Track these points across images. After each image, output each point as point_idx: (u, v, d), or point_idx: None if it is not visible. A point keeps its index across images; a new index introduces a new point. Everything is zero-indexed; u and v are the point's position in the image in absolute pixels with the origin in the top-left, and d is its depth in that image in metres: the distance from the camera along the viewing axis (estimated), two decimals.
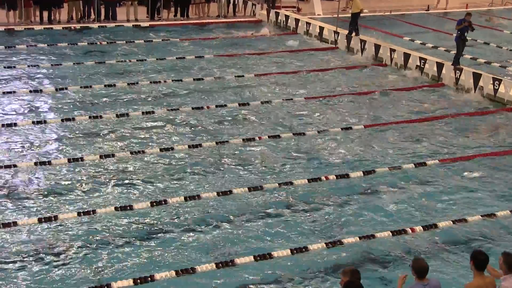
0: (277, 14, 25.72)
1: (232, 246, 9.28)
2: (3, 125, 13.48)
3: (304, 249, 9.06)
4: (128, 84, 16.78)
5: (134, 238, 9.37)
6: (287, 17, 25.12)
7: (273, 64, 19.79)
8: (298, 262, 8.88)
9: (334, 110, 15.66)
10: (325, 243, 9.29)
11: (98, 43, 21.10)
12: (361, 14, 22.04)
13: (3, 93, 15.61)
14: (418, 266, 6.69)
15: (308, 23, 23.97)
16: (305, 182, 11.43)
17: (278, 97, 16.45)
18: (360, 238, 9.48)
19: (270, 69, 19.20)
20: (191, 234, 9.56)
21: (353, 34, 21.61)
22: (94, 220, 9.81)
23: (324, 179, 11.56)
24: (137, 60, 19.22)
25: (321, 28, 23.17)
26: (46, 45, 20.33)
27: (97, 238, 9.32)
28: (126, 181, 11.23)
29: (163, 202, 10.37)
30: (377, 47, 20.57)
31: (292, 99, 16.29)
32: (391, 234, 9.67)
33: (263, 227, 9.84)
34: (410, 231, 9.79)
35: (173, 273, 8.30)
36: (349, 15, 22.42)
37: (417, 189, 11.45)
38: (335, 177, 11.67)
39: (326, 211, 10.50)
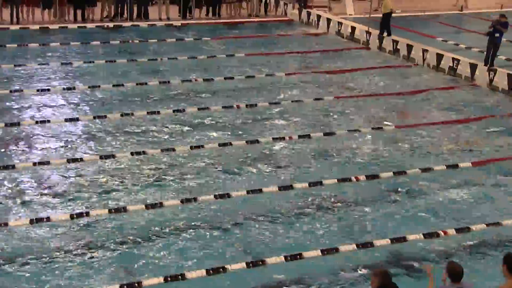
0: (308, 13, 25.64)
1: (263, 245, 9.26)
2: (36, 122, 13.65)
3: (334, 250, 9.00)
4: (159, 82, 16.87)
5: (164, 236, 9.40)
6: (318, 16, 25.01)
7: (304, 63, 19.72)
8: (328, 263, 8.82)
9: (365, 110, 15.54)
10: (355, 244, 9.21)
11: (130, 41, 21.26)
12: (393, 14, 21.85)
13: (37, 90, 15.82)
14: (453, 270, 6.60)
15: (339, 23, 23.84)
16: (335, 182, 11.36)
17: (308, 96, 16.39)
18: (391, 240, 9.38)
19: (301, 68, 19.13)
20: (222, 232, 9.57)
21: (385, 34, 21.43)
22: (125, 217, 9.87)
23: (354, 179, 11.47)
24: (168, 59, 19.30)
25: (353, 28, 23.03)
26: (79, 43, 20.55)
27: (128, 235, 9.37)
28: (157, 179, 11.29)
29: (193, 200, 10.39)
30: (410, 47, 20.37)
31: (322, 98, 16.21)
32: (422, 236, 9.55)
33: (293, 227, 9.81)
34: (443, 234, 9.65)
35: (204, 271, 8.31)
36: (381, 15, 22.25)
37: (449, 191, 11.29)
38: (365, 178, 11.58)
39: (356, 211, 10.42)
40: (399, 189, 11.26)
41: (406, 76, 18.86)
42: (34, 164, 11.58)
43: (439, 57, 19.31)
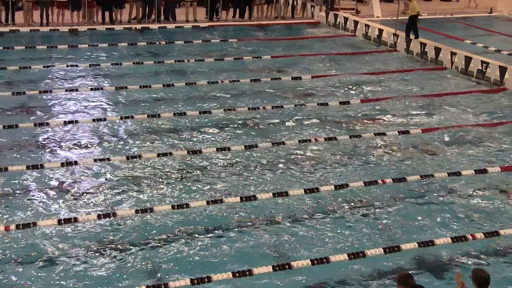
0: (335, 16, 25.55)
1: (289, 248, 9.22)
2: (64, 122, 13.79)
3: (361, 254, 8.94)
4: (186, 83, 16.93)
5: (191, 237, 9.42)
6: (345, 19, 24.92)
7: (331, 66, 19.65)
8: (354, 267, 8.77)
9: (391, 113, 15.43)
10: (382, 248, 9.14)
11: (157, 43, 21.38)
12: (420, 17, 21.67)
13: (66, 91, 15.99)
14: (480, 277, 6.51)
15: (367, 25, 23.71)
16: (361, 185, 11.29)
17: (334, 98, 16.32)
18: (418, 244, 9.28)
19: (328, 71, 19.07)
20: (247, 235, 9.56)
21: (413, 36, 21.26)
22: (152, 218, 9.91)
23: (381, 182, 11.39)
24: (195, 60, 19.37)
25: (380, 31, 22.89)
26: (107, 44, 20.72)
27: (155, 236, 9.41)
28: (183, 180, 11.32)
29: (219, 202, 10.40)
30: (437, 50, 20.18)
31: (348, 101, 16.13)
32: (450, 240, 9.44)
33: (319, 230, 9.76)
34: (471, 238, 9.54)
35: (230, 274, 8.30)
36: (408, 17, 22.08)
37: (477, 196, 11.16)
38: (391, 181, 11.49)
39: (383, 215, 10.35)
40: (426, 193, 11.15)
41: (434, 79, 18.68)
42: (62, 164, 11.69)
43: (468, 60, 19.09)
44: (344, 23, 24.91)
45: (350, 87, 17.50)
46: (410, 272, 7.60)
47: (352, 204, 10.67)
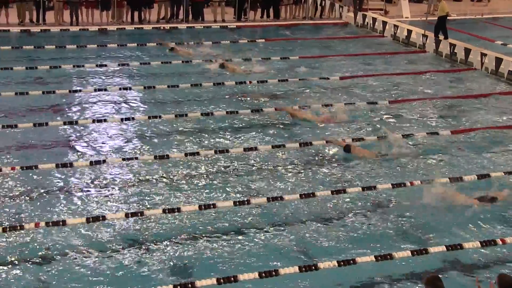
0: (364, 16, 25.42)
1: (315, 250, 9.19)
2: (93, 121, 13.93)
3: (388, 256, 8.87)
4: (213, 84, 16.97)
5: (217, 237, 9.43)
6: (374, 19, 24.77)
7: (359, 67, 19.56)
8: (381, 269, 8.70)
9: (419, 115, 15.29)
10: (410, 251, 9.05)
11: (186, 43, 21.46)
12: (449, 17, 21.46)
13: (94, 90, 16.15)
14: (505, 282, 6.42)
15: (395, 26, 23.54)
16: (389, 187, 11.20)
17: (362, 99, 16.23)
18: (446, 247, 9.18)
19: (356, 72, 18.99)
20: (274, 235, 9.54)
21: (442, 37, 21.06)
22: (179, 217, 9.95)
23: (409, 184, 11.29)
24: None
25: (409, 31, 22.72)
26: (136, 44, 20.87)
27: (182, 235, 9.45)
28: (210, 180, 11.34)
29: (246, 202, 10.41)
30: (467, 51, 19.96)
31: (376, 102, 16.03)
32: (479, 244, 9.32)
33: (347, 232, 9.71)
34: (500, 242, 9.40)
35: (256, 274, 8.30)
36: (437, 18, 21.88)
37: (507, 198, 10.99)
38: (419, 182, 11.37)
39: (411, 217, 10.24)
40: (454, 196, 11.01)
41: (463, 80, 18.49)
42: (91, 162, 11.79)
43: (498, 61, 18.84)
44: (372, 23, 24.77)
45: (378, 88, 17.38)
46: (436, 274, 7.51)
47: (380, 205, 10.57)
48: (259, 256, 8.98)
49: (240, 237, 9.48)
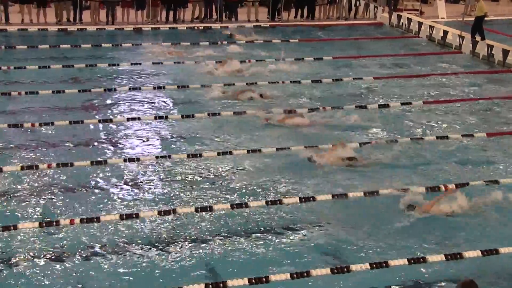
0: (399, 17, 25.21)
1: (348, 251, 9.13)
2: (128, 119, 14.06)
3: (421, 260, 8.77)
4: (246, 84, 16.99)
5: (249, 237, 9.44)
6: (409, 20, 24.54)
7: (393, 67, 19.43)
8: (414, 273, 8.60)
9: (454, 116, 15.11)
10: (444, 255, 8.93)
11: (219, 42, 21.53)
12: (486, 18, 21.16)
13: (129, 89, 16.32)
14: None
15: (431, 27, 23.29)
16: (422, 190, 11.06)
17: (396, 100, 16.10)
18: (482, 252, 9.04)
19: (389, 72, 18.84)
20: (306, 236, 9.51)
21: (478, 38, 20.76)
22: (211, 216, 9.97)
23: (443, 188, 11.15)
24: (256, 61, 19.44)
25: (445, 32, 22.45)
26: (170, 43, 21.02)
27: (213, 234, 9.47)
28: (242, 179, 11.34)
29: (278, 202, 10.40)
30: (505, 52, 19.63)
31: (410, 103, 15.89)
32: None
33: (379, 234, 9.60)
34: None
35: (288, 275, 8.28)
36: (473, 18, 21.60)
37: None
38: (454, 186, 11.22)
39: (445, 221, 10.11)
40: (491, 200, 10.83)
41: (501, 82, 18.19)
42: (125, 160, 11.91)
43: None
44: (407, 24, 24.54)
45: (412, 88, 17.22)
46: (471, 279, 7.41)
47: (413, 208, 10.45)
48: (290, 256, 8.95)
49: (272, 237, 9.45)
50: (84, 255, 8.83)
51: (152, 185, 11.05)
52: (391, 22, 25.52)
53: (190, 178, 11.36)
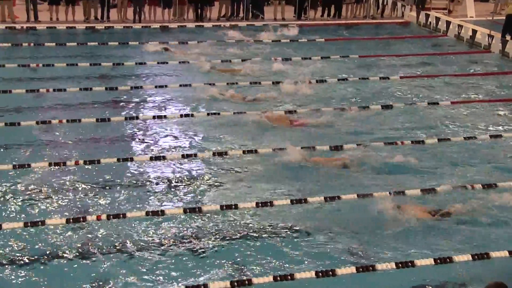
0: (426, 15, 24.98)
1: (373, 251, 9.07)
2: (154, 117, 14.14)
3: (448, 260, 8.69)
4: (272, 83, 16.98)
5: (274, 235, 9.42)
6: (437, 19, 24.31)
7: (420, 66, 19.26)
8: (441, 273, 8.53)
9: (483, 117, 14.93)
10: (471, 255, 8.84)
11: (246, 41, 21.55)
12: None
13: (155, 87, 16.41)
14: None
15: (459, 26, 23.05)
16: (450, 189, 10.95)
17: (422, 100, 15.96)
18: (510, 253, 8.92)
19: (416, 71, 18.69)
20: (330, 235, 9.46)
21: (509, 37, 20.48)
22: (236, 214, 9.99)
23: (470, 187, 11.02)
24: (282, 59, 19.41)
25: (474, 31, 22.19)
26: (196, 42, 21.09)
27: (239, 232, 9.48)
28: (268, 178, 11.32)
29: (303, 201, 10.37)
30: None
31: (437, 103, 15.74)
32: None
33: (405, 234, 9.53)
34: None
35: (313, 273, 8.26)
36: (505, 17, 21.31)
37: None
38: (481, 186, 11.09)
39: (473, 221, 9.98)
40: None
41: None
42: (151, 158, 11.98)
43: None
44: (435, 23, 24.32)
45: (439, 88, 17.06)
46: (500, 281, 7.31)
47: (441, 209, 10.35)
48: (316, 254, 8.92)
49: (296, 235, 9.43)
50: (109, 251, 8.89)
51: (178, 183, 11.10)
52: (418, 21, 25.31)
53: (216, 176, 11.38)
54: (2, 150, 12.18)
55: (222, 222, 9.78)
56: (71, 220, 9.48)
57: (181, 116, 14.27)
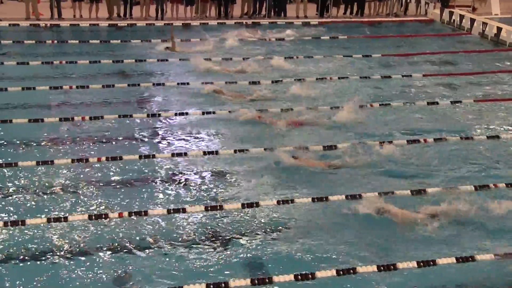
0: (450, 13, 24.75)
1: (392, 250, 9.03)
2: (175, 114, 14.19)
3: (470, 259, 8.62)
4: (294, 80, 16.95)
5: (294, 233, 9.41)
6: (461, 16, 24.07)
7: (442, 65, 19.10)
8: (463, 272, 8.47)
9: (506, 115, 14.76)
10: (493, 254, 8.75)
11: (267, 39, 21.53)
12: None
13: (177, 84, 16.45)
14: None
15: (484, 23, 22.79)
16: (471, 189, 10.84)
17: (445, 98, 15.83)
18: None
19: (439, 70, 18.54)
20: (351, 233, 9.43)
21: None
22: (257, 212, 9.98)
23: (493, 187, 10.91)
24: (304, 57, 19.37)
25: (499, 29, 21.93)
26: (218, 39, 21.11)
27: (260, 230, 9.49)
28: (287, 176, 11.26)
29: (324, 199, 10.30)
30: None
31: (460, 101, 15.60)
32: None
33: (426, 232, 9.45)
34: None
35: (334, 271, 8.24)
36: None
37: None
38: (504, 186, 10.97)
39: (495, 220, 9.88)
40: None
41: None
42: (172, 154, 12.02)
43: None
44: (459, 21, 24.08)
45: (463, 86, 16.90)
46: None
47: (460, 208, 10.24)
48: (336, 253, 8.89)
49: (317, 234, 9.39)
50: (131, 248, 8.94)
51: (199, 180, 11.12)
52: (442, 18, 25.09)
53: (237, 174, 11.38)
54: (25, 146, 12.32)
55: (243, 220, 9.77)
56: (93, 217, 9.56)
57: (203, 113, 14.29)
